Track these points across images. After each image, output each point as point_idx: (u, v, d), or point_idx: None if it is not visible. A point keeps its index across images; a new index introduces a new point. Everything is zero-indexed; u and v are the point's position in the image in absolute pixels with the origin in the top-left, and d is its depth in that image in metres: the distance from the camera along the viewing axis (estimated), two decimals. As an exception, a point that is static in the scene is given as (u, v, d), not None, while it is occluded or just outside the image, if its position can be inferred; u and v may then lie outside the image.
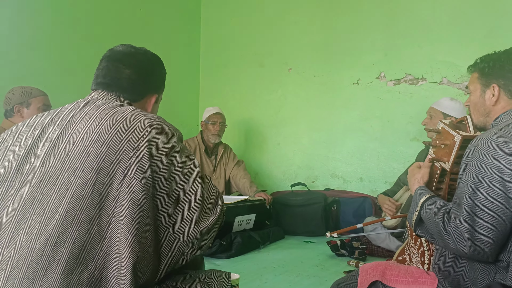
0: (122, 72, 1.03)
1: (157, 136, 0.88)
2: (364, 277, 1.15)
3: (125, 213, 0.79)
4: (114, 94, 1.01)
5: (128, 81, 1.03)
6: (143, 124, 0.89)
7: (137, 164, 0.83)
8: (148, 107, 1.09)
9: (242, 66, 3.77)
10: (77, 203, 0.79)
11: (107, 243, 0.78)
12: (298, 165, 3.50)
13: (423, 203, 1.11)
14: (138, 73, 1.04)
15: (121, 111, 0.91)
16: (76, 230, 0.77)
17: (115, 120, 0.88)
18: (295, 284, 1.96)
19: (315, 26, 3.41)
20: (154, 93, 1.10)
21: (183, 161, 0.90)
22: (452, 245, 0.99)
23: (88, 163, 0.82)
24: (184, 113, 3.84)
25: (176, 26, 3.71)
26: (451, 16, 2.85)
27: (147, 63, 1.08)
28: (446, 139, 1.23)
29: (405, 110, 3.03)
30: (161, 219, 0.85)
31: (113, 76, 1.02)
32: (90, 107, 0.93)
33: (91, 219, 0.78)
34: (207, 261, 2.28)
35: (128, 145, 0.85)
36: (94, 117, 0.90)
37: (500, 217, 0.94)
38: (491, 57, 1.16)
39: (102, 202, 0.80)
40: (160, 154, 0.87)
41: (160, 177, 0.85)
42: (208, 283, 0.90)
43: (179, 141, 0.93)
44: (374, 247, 2.48)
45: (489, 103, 1.15)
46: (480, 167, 0.98)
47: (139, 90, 1.05)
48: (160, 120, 0.93)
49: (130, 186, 0.81)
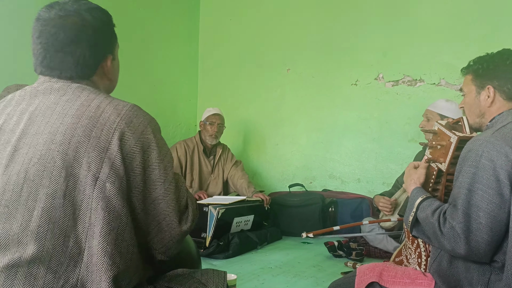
0: (69, 53, 0.84)
1: (129, 132, 0.79)
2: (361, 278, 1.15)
3: (101, 223, 0.73)
4: (68, 76, 0.85)
5: (79, 60, 0.85)
6: (112, 119, 0.79)
7: (109, 166, 0.75)
8: (107, 72, 0.92)
9: (241, 66, 3.77)
10: (49, 215, 0.72)
11: (87, 254, 0.73)
12: (296, 165, 3.49)
13: (419, 204, 1.11)
14: (86, 47, 0.86)
15: (86, 103, 0.80)
16: (51, 245, 0.71)
17: (80, 116, 0.78)
18: (292, 284, 1.96)
19: (314, 27, 3.41)
20: (108, 55, 0.92)
21: (159, 158, 0.82)
22: (447, 246, 0.99)
23: (55, 169, 0.74)
24: (182, 112, 3.84)
25: (174, 26, 3.71)
26: (449, 18, 2.86)
27: (91, 29, 0.86)
28: (442, 140, 1.23)
29: (403, 111, 3.03)
30: (139, 222, 0.80)
31: (62, 60, 0.84)
32: (49, 99, 0.81)
33: (66, 231, 0.72)
34: (204, 261, 2.28)
35: (98, 145, 0.76)
36: (56, 113, 0.78)
37: (495, 218, 0.94)
38: (485, 59, 1.17)
39: (76, 212, 0.73)
40: (133, 152, 0.78)
41: (135, 177, 0.78)
42: (204, 283, 0.89)
43: (155, 134, 0.84)
44: (371, 248, 2.49)
45: (484, 105, 1.15)
46: (475, 168, 0.98)
47: (92, 62, 0.88)
48: (132, 110, 0.82)
49: (104, 191, 0.74)
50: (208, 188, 3.12)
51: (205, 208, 2.49)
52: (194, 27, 3.95)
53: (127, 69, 3.23)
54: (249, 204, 2.77)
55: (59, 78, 0.85)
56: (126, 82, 3.17)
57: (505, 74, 1.12)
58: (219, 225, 2.47)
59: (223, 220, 2.51)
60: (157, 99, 3.53)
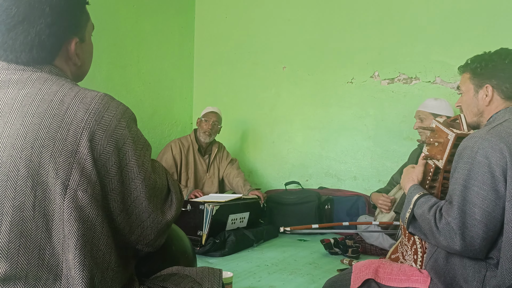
0: (21, 33, 0.74)
1: (100, 130, 0.70)
2: (357, 275, 1.15)
3: (76, 235, 0.66)
4: (25, 61, 0.76)
5: (34, 42, 0.75)
6: (80, 116, 0.69)
7: (79, 172, 0.67)
8: (72, 56, 0.82)
9: (236, 64, 3.76)
10: (19, 230, 0.66)
11: (66, 267, 0.68)
12: (292, 163, 3.50)
13: (416, 200, 1.11)
14: (43, 26, 0.75)
15: (48, 97, 0.70)
16: (25, 260, 0.66)
17: (42, 115, 0.68)
18: (288, 282, 1.96)
19: (310, 25, 3.40)
20: (73, 37, 0.81)
21: (136, 154, 0.74)
22: (443, 242, 0.99)
23: (20, 179, 0.66)
24: (178, 110, 3.82)
25: (170, 23, 3.69)
26: (444, 16, 2.87)
27: (48, 4, 0.75)
28: (440, 137, 1.23)
29: (398, 109, 3.04)
30: (119, 223, 0.74)
31: (14, 40, 0.74)
32: (6, 94, 0.71)
33: (41, 244, 0.67)
34: (200, 259, 2.27)
35: (65, 148, 0.67)
36: (15, 111, 0.69)
37: (490, 214, 0.94)
38: (483, 58, 1.17)
39: (49, 223, 0.67)
40: (106, 152, 0.70)
41: (110, 179, 0.71)
42: (199, 282, 0.88)
43: (130, 127, 0.75)
44: (367, 245, 2.49)
45: (482, 103, 1.16)
46: (471, 165, 0.99)
47: (50, 44, 0.77)
48: (102, 102, 0.72)
49: (76, 200, 0.67)
50: (204, 187, 3.11)
51: (201, 206, 2.48)
52: (190, 25, 3.93)
53: (122, 68, 3.23)
54: (244, 201, 2.77)
55: (16, 63, 0.75)
56: (121, 81, 3.19)
57: (504, 73, 1.12)
58: (214, 223, 2.46)
59: (218, 218, 2.50)
60: (153, 98, 3.52)
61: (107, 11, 3.05)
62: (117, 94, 0.83)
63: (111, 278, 0.72)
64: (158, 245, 0.82)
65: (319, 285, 1.76)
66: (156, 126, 3.57)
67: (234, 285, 1.78)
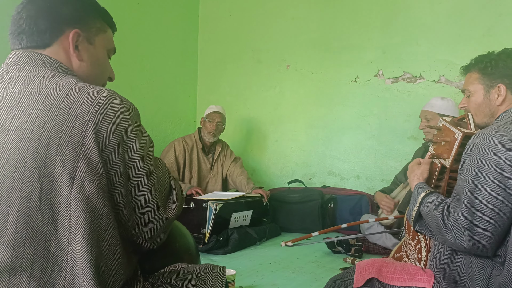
0: (23, 16, 0.80)
1: (105, 123, 0.72)
2: (360, 274, 1.15)
3: (82, 226, 0.67)
4: (29, 45, 0.80)
5: (31, 25, 0.80)
6: (85, 109, 0.71)
7: (86, 163, 0.69)
8: (71, 45, 0.83)
9: (240, 62, 3.76)
10: (26, 220, 0.67)
11: (71, 258, 0.68)
12: (295, 162, 3.49)
13: (423, 198, 1.10)
14: (39, 10, 0.80)
15: (53, 91, 0.72)
16: (31, 250, 0.67)
17: (49, 108, 0.70)
18: (291, 280, 1.96)
19: (314, 23, 3.39)
20: (70, 28, 0.83)
21: (140, 148, 0.76)
22: (451, 240, 0.98)
23: (27, 170, 0.67)
24: (182, 108, 3.83)
25: (174, 21, 3.69)
26: (449, 15, 2.85)
27: None
28: (447, 136, 1.22)
29: (402, 108, 3.03)
30: (122, 216, 0.75)
31: (19, 23, 0.80)
32: (13, 89, 0.74)
33: (47, 235, 0.68)
34: (203, 257, 2.28)
35: (71, 140, 0.69)
36: (22, 105, 0.71)
37: (499, 211, 0.94)
38: (491, 57, 1.15)
39: (55, 214, 0.68)
40: (111, 144, 0.72)
41: (115, 171, 0.73)
42: (203, 279, 0.88)
43: (134, 121, 0.77)
44: (370, 244, 2.49)
45: (494, 103, 1.14)
46: (480, 162, 0.98)
47: (46, 28, 0.80)
48: (107, 97, 0.74)
49: (83, 191, 0.68)
50: (207, 186, 3.11)
51: (204, 204, 2.48)
52: (194, 23, 3.93)
53: (127, 65, 3.23)
54: (248, 199, 2.77)
55: (22, 48, 0.80)
56: (125, 78, 3.19)
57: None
58: (217, 221, 2.47)
59: (221, 216, 2.50)
60: (157, 95, 3.52)
61: (111, 9, 3.03)
62: (121, 92, 0.84)
63: (115, 269, 0.73)
64: (159, 241, 0.83)
65: (322, 283, 1.76)
66: (160, 124, 3.57)
67: (237, 283, 1.78)
